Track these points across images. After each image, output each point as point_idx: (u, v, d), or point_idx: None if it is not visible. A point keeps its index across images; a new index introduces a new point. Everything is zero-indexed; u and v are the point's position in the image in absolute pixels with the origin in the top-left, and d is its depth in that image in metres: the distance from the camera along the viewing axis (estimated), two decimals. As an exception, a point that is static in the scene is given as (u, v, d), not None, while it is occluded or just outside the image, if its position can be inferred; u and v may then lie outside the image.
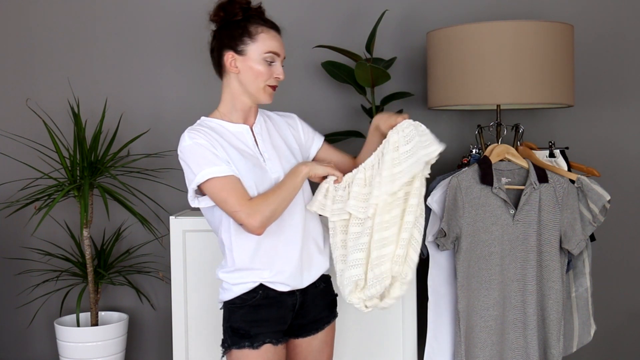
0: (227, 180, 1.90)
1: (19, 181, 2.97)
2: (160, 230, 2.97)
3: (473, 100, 2.42)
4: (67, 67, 3.00)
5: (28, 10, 3.00)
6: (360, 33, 2.90)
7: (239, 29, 1.99)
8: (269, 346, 1.97)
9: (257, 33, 1.98)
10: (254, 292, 1.98)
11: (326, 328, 2.12)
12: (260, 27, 1.99)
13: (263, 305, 1.99)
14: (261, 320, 1.98)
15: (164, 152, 2.96)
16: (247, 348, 1.96)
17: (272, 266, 1.98)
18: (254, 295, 1.98)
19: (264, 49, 1.97)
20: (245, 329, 1.97)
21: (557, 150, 2.59)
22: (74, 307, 2.95)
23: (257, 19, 2.00)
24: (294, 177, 1.96)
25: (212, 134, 1.97)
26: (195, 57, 2.97)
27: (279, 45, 2.00)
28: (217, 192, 1.92)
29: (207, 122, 2.03)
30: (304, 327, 2.08)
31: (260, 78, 1.98)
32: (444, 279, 2.47)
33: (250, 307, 1.98)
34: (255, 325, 1.97)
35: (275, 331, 2.00)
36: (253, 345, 1.96)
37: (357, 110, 2.94)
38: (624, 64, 2.96)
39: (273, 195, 1.93)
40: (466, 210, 2.37)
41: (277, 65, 2.00)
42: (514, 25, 2.38)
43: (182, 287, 2.55)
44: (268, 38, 1.98)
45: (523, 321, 2.41)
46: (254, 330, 1.97)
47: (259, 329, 1.97)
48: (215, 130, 1.99)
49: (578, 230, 2.40)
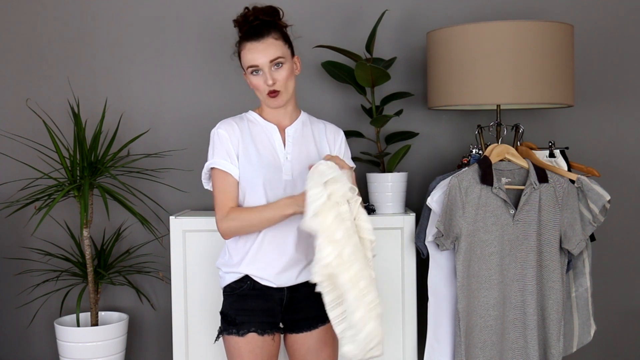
0: (224, 176, 2.07)
1: (19, 181, 2.96)
2: (160, 230, 2.97)
3: (473, 100, 2.42)
4: (67, 67, 2.99)
5: (28, 10, 3.00)
6: (360, 33, 2.90)
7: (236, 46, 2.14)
8: (254, 335, 2.05)
9: (241, 49, 2.10)
10: (241, 282, 2.09)
11: (321, 327, 2.14)
12: (242, 42, 2.10)
13: (250, 296, 2.08)
14: (248, 309, 2.07)
15: (164, 152, 2.95)
16: (234, 335, 2.06)
17: (258, 263, 2.07)
18: (241, 284, 2.09)
19: (246, 66, 2.09)
20: (232, 316, 2.08)
21: (557, 151, 2.59)
22: (74, 307, 2.95)
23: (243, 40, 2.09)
24: (280, 210, 2.01)
25: (242, 126, 2.12)
26: (196, 57, 2.98)
27: (256, 56, 2.06)
28: (214, 182, 2.10)
29: (249, 115, 2.18)
30: (297, 323, 2.12)
31: (257, 90, 2.10)
32: (444, 279, 2.47)
33: (238, 296, 2.09)
34: (242, 313, 2.07)
35: (261, 322, 2.07)
36: (239, 332, 2.06)
37: (357, 110, 2.94)
38: (624, 64, 2.96)
39: (250, 215, 2.03)
40: (466, 210, 2.37)
41: (263, 74, 2.07)
42: (514, 25, 2.38)
43: (182, 287, 2.55)
44: (247, 52, 2.08)
45: (523, 321, 2.41)
46: (239, 318, 2.07)
47: (245, 317, 2.07)
48: (250, 123, 2.14)
49: (578, 230, 2.40)
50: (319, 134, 2.19)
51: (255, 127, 2.14)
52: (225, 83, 2.93)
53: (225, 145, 2.09)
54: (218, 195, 2.08)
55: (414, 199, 2.92)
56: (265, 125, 2.14)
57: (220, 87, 2.95)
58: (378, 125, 2.72)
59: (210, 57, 2.94)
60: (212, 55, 2.94)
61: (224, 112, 2.45)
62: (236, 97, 2.90)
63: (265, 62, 2.05)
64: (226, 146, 2.09)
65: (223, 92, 2.95)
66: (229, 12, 2.38)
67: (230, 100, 2.92)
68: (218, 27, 2.91)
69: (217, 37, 2.92)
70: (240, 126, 2.12)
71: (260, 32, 2.06)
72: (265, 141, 2.12)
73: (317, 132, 2.19)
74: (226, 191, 2.07)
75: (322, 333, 2.14)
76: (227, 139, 2.09)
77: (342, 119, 2.95)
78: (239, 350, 2.06)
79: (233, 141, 2.09)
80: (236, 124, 2.12)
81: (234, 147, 2.09)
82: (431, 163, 2.96)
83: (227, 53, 2.25)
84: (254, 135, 2.12)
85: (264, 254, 2.07)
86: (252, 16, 2.09)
